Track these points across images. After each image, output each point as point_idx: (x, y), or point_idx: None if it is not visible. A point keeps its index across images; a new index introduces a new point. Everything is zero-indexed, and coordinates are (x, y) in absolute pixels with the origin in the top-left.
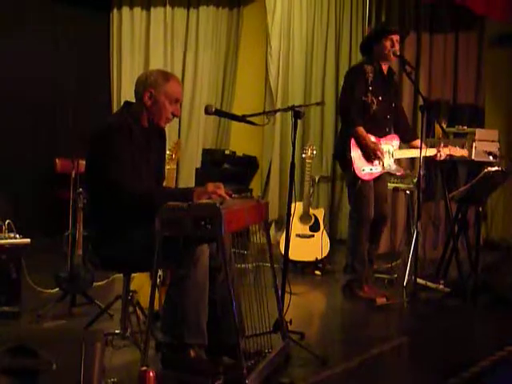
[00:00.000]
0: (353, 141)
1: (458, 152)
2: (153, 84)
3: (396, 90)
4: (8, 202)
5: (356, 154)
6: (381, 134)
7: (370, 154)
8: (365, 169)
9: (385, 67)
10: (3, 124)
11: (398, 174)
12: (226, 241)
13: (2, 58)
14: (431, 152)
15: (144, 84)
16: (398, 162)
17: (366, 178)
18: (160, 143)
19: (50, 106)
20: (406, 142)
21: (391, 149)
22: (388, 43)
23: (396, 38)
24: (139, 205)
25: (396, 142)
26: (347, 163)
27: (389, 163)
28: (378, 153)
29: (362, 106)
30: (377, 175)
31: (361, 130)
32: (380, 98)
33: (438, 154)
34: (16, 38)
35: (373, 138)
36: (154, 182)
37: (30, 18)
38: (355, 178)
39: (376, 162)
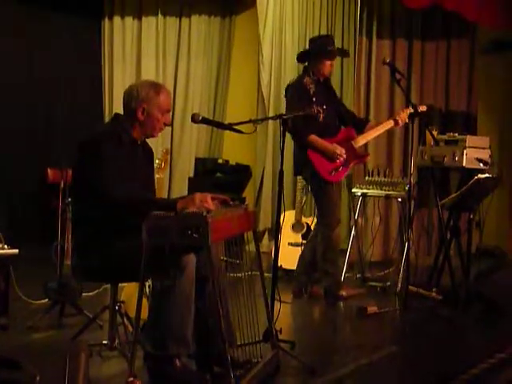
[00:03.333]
0: (310, 151)
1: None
2: (145, 99)
3: (334, 92)
4: None
5: (317, 160)
6: (332, 138)
7: (331, 156)
8: (332, 171)
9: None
10: None
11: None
12: (213, 250)
13: None
14: (389, 124)
15: (136, 99)
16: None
17: (337, 178)
18: (148, 158)
19: (42, 115)
20: (361, 131)
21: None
22: (329, 63)
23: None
24: (124, 212)
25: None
26: (311, 173)
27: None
28: (338, 151)
29: (308, 117)
30: (346, 172)
31: (313, 137)
32: (324, 107)
33: (399, 121)
34: (5, 46)
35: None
36: (141, 191)
37: (20, 27)
38: (325, 183)
39: (338, 162)
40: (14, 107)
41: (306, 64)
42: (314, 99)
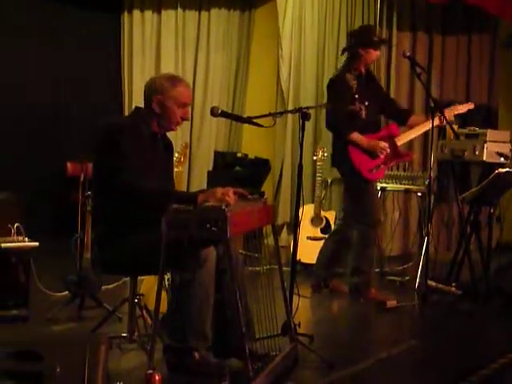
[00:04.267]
0: (350, 147)
1: (462, 108)
2: (159, 90)
3: (377, 83)
4: (19, 206)
5: (358, 157)
6: (374, 134)
7: (374, 152)
8: (373, 169)
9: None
10: (14, 127)
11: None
12: (231, 243)
13: (10, 62)
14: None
15: (151, 90)
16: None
17: (377, 176)
18: (168, 151)
19: (62, 109)
20: (404, 123)
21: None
22: (375, 53)
23: None
24: (145, 204)
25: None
26: (350, 169)
27: None
28: (381, 145)
29: (351, 114)
30: (386, 169)
31: (354, 135)
32: (367, 104)
33: (443, 120)
34: (24, 39)
35: None
36: (161, 183)
37: (39, 21)
38: (365, 181)
39: (382, 157)
40: (33, 100)
41: (348, 57)
42: (356, 96)
